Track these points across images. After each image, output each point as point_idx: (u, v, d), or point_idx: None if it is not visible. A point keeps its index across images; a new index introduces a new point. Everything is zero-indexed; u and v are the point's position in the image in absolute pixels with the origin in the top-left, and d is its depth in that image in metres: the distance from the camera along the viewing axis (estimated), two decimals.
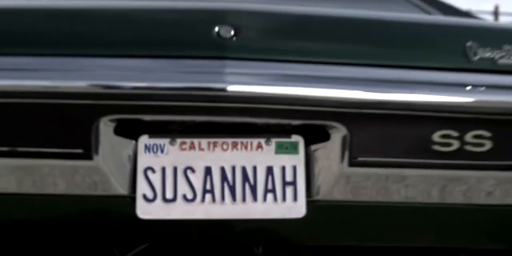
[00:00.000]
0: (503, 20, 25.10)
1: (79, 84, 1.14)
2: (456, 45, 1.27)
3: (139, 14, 1.29)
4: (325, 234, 1.29)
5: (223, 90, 1.13)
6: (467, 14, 2.04)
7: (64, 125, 1.16)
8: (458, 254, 1.54)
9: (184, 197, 1.18)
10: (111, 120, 1.16)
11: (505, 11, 24.87)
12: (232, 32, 1.20)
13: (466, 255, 1.52)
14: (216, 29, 1.20)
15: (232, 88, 1.13)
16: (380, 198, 1.22)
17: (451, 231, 1.30)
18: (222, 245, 1.39)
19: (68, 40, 1.21)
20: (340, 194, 1.21)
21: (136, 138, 1.18)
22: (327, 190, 1.20)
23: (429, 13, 2.02)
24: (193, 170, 1.18)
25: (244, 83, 1.15)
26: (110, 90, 1.14)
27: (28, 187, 1.19)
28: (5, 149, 1.16)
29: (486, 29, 1.38)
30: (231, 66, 1.17)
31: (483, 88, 1.22)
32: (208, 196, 1.18)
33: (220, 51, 1.19)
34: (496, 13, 24.49)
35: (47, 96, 1.14)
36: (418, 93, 1.18)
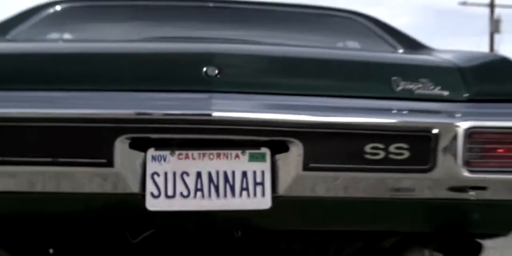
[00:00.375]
0: (499, 12, 25.37)
1: (104, 112, 1.56)
2: (384, 79, 1.69)
3: (147, 57, 1.72)
4: (286, 221, 1.71)
5: (209, 115, 1.55)
6: (425, 46, 2.44)
7: (93, 142, 1.58)
8: (390, 236, 1.96)
9: (181, 194, 1.59)
10: (127, 138, 1.58)
11: (500, 3, 25.19)
12: (216, 71, 1.62)
13: (398, 237, 1.95)
14: (204, 69, 1.62)
15: (216, 114, 1.56)
16: (327, 194, 1.64)
17: (379, 218, 1.72)
18: (209, 230, 1.81)
19: (96, 79, 1.63)
20: (297, 191, 1.63)
21: (145, 151, 1.60)
22: (287, 188, 1.62)
23: (394, 47, 2.45)
24: (187, 174, 1.60)
25: (225, 110, 1.57)
26: (126, 116, 1.56)
27: (65, 187, 1.61)
28: (49, 159, 1.58)
29: (407, 65, 1.80)
30: (215, 98, 1.58)
31: (405, 112, 1.64)
32: (199, 193, 1.60)
33: (207, 86, 1.61)
34: (492, 5, 24.79)
35: (82, 121, 1.56)
36: (353, 117, 1.60)
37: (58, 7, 2.58)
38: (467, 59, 1.83)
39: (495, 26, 24.68)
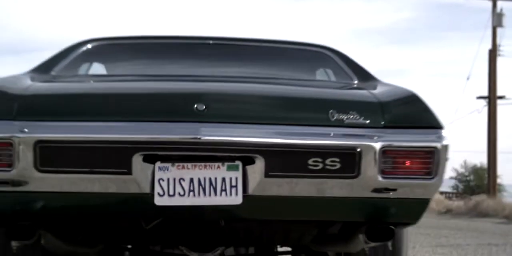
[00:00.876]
0: (502, 5, 25.56)
1: (125, 136, 2.26)
2: (324, 111, 2.36)
3: (154, 96, 2.44)
4: (254, 213, 2.41)
5: (199, 139, 2.24)
6: (374, 78, 3.09)
7: (118, 157, 2.27)
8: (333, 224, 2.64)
9: (179, 193, 2.28)
10: (141, 154, 2.27)
11: None
12: (204, 107, 2.30)
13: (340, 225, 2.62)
14: (195, 105, 2.30)
15: (203, 138, 2.24)
16: (282, 193, 2.33)
17: (322, 211, 2.41)
18: (199, 219, 2.49)
19: (118, 113, 2.34)
20: (260, 191, 2.32)
21: (154, 163, 2.28)
22: (253, 190, 2.30)
23: (351, 78, 3.12)
24: (183, 180, 2.29)
25: (210, 135, 2.25)
26: (140, 139, 2.26)
27: (98, 188, 2.31)
28: (87, 169, 2.28)
29: (342, 101, 2.49)
30: (203, 127, 2.27)
31: (338, 136, 2.31)
32: (191, 193, 2.29)
33: (197, 118, 2.30)
34: None
35: (109, 142, 2.26)
36: (300, 139, 2.29)
37: (89, 45, 3.33)
38: (387, 95, 2.51)
39: (497, 20, 24.76)
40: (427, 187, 2.35)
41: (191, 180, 2.28)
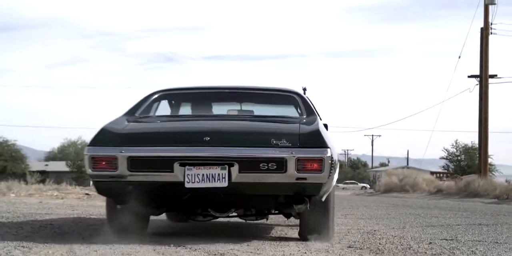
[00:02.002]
0: None
1: (172, 154, 4.75)
2: (269, 139, 4.76)
3: (185, 133, 5.08)
4: (235, 191, 4.78)
5: (206, 155, 4.72)
6: (315, 114, 5.61)
7: (167, 164, 4.73)
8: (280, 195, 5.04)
9: (197, 181, 4.68)
10: (178, 162, 4.72)
11: None
12: (209, 138, 4.76)
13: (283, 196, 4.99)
14: (204, 138, 4.79)
15: (209, 155, 4.73)
16: (248, 180, 4.73)
17: (271, 189, 4.80)
18: (207, 194, 4.87)
19: (171, 141, 4.86)
20: (237, 180, 4.69)
21: (184, 167, 4.70)
22: (234, 179, 4.68)
23: (301, 114, 5.65)
24: (199, 174, 4.71)
25: (212, 153, 4.73)
26: (178, 155, 4.74)
27: (158, 179, 4.79)
28: (153, 170, 4.77)
29: (279, 132, 4.87)
30: (208, 149, 4.75)
31: (275, 152, 4.70)
32: (203, 181, 4.69)
33: (205, 144, 4.77)
34: None
35: (164, 157, 4.76)
36: (255, 154, 4.69)
37: (157, 95, 5.87)
38: (304, 128, 4.86)
39: None
40: (320, 177, 4.65)
41: (203, 174, 4.68)
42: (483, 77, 24.52)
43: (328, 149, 4.66)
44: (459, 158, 46.09)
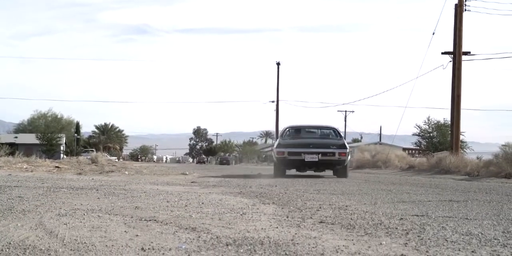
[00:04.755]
0: None
1: (298, 150, 16.08)
2: (330, 145, 16.07)
3: (299, 143, 16.55)
4: (319, 162, 15.87)
5: (312, 151, 15.62)
6: (343, 138, 17.77)
7: (298, 154, 15.97)
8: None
9: (308, 159, 15.73)
10: (302, 153, 15.93)
11: None
12: (310, 145, 15.80)
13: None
14: (309, 145, 15.81)
15: (312, 150, 15.96)
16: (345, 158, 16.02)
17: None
18: (311, 163, 15.98)
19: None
20: (321, 158, 15.79)
21: (305, 154, 15.73)
22: (319, 159, 15.77)
23: (339, 138, 17.40)
24: (309, 157, 15.53)
25: (314, 149, 16.15)
26: (303, 151, 15.82)
27: (297, 158, 15.77)
28: (295, 156, 15.86)
29: (333, 142, 16.42)
30: (311, 149, 16.13)
31: (333, 150, 15.60)
32: (311, 158, 15.56)
33: (309, 149, 15.87)
34: None
35: (296, 152, 16.13)
36: (325, 151, 15.80)
37: (290, 128, 17.82)
38: (339, 142, 16.29)
39: None
40: (345, 159, 15.76)
41: (310, 157, 15.36)
42: (457, 54, 24.46)
43: (348, 149, 15.55)
44: (431, 134, 46.56)
